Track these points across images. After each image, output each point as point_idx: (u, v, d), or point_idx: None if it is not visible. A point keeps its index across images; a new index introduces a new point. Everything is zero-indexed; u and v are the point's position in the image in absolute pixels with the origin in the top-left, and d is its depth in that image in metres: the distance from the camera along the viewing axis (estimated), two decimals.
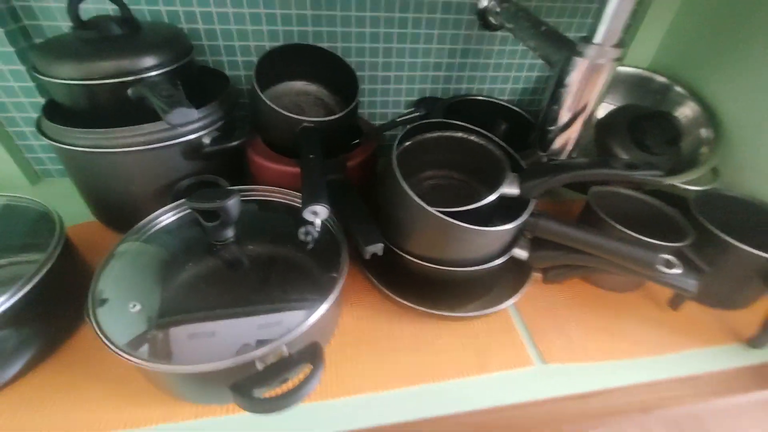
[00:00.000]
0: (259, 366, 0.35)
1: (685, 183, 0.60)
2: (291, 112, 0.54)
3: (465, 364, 0.48)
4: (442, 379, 0.46)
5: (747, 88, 0.63)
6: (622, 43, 0.42)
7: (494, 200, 0.46)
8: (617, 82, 0.74)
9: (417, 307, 0.49)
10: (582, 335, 0.52)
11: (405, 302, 0.50)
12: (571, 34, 0.51)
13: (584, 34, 0.44)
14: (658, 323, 0.55)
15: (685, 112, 0.70)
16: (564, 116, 0.49)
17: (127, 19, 0.51)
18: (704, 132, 0.67)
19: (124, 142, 0.48)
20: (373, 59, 0.73)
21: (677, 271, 0.43)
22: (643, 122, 0.63)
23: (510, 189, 0.47)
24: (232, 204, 0.40)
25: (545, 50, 0.51)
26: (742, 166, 0.64)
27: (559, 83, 0.47)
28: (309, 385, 0.32)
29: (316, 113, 0.66)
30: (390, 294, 0.50)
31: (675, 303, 0.55)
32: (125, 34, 0.50)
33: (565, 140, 0.51)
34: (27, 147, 0.69)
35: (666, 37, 0.77)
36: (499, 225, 0.45)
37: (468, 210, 0.45)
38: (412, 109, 0.72)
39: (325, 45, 0.69)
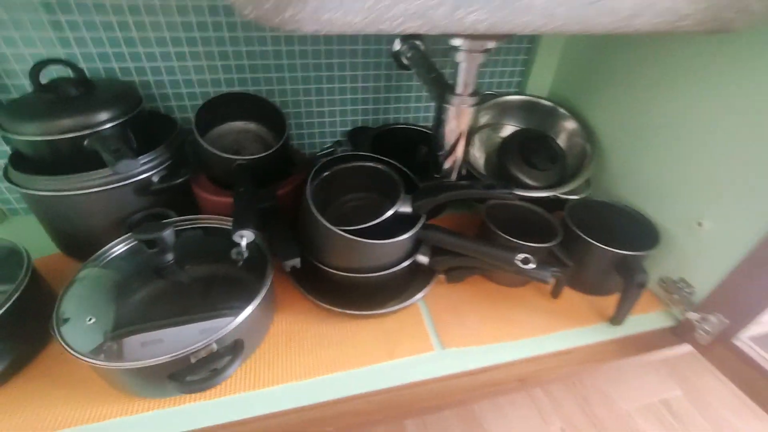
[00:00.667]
0: (193, 360, 0.44)
1: (565, 193, 0.73)
2: (232, 149, 0.64)
3: (377, 353, 0.58)
4: (358, 366, 0.57)
5: (614, 110, 0.76)
6: (476, 93, 0.55)
7: (390, 217, 0.57)
8: (516, 108, 0.87)
9: (337, 310, 0.60)
10: (478, 323, 0.64)
11: (328, 306, 0.60)
12: None
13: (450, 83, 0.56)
14: (543, 310, 0.67)
15: (569, 127, 0.84)
16: (446, 145, 0.61)
17: (82, 81, 0.61)
18: (588, 147, 0.80)
19: (81, 186, 0.57)
20: (307, 98, 0.85)
21: (532, 266, 0.54)
22: (531, 144, 0.76)
23: (404, 207, 0.58)
24: (167, 234, 0.49)
25: (431, 93, 0.63)
26: (613, 175, 0.77)
27: (439, 120, 0.59)
28: (228, 370, 0.42)
29: (256, 149, 0.76)
30: (315, 300, 0.61)
31: (555, 293, 0.67)
32: (81, 93, 0.60)
33: (452, 163, 0.63)
34: None
35: (556, 73, 0.91)
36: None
37: (370, 226, 0.56)
38: (329, 145, 0.82)
39: (263, 89, 0.80)
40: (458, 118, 0.57)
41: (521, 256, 0.55)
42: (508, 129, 0.88)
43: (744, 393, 0.58)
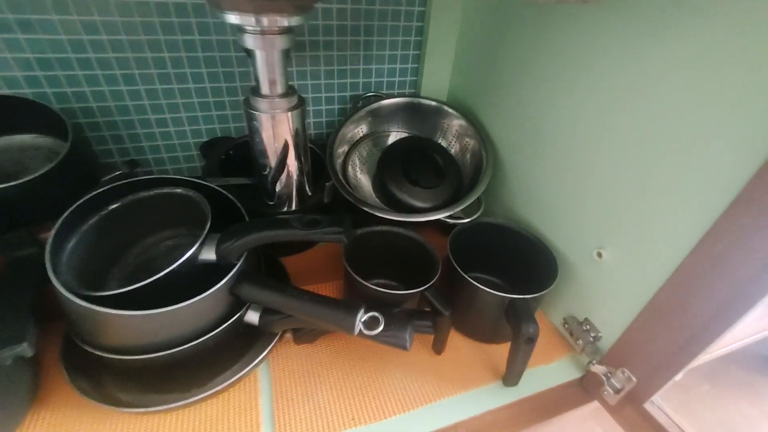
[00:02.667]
0: None
1: (452, 216, 0.59)
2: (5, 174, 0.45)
3: None
4: None
5: (509, 117, 0.63)
6: (292, 91, 0.39)
7: (186, 268, 0.40)
8: (396, 112, 0.73)
9: (108, 408, 0.41)
10: (334, 399, 0.48)
11: (99, 404, 0.41)
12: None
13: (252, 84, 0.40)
14: (423, 370, 0.52)
15: (459, 129, 0.71)
16: (271, 165, 0.44)
17: None
18: (484, 155, 0.67)
19: None
20: (138, 102, 0.66)
21: (378, 330, 0.39)
22: (414, 155, 0.62)
23: (206, 254, 0.41)
24: None
25: None
26: (512, 191, 0.65)
27: (251, 132, 0.43)
28: None
29: None
30: (84, 397, 0.42)
31: (436, 348, 0.53)
32: None
33: (286, 188, 0.47)
34: None
35: (453, 75, 0.78)
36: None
37: (152, 283, 0.39)
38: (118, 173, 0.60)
39: (67, 90, 0.61)
40: (275, 127, 0.41)
41: (365, 316, 0.40)
42: (392, 138, 0.74)
43: None
